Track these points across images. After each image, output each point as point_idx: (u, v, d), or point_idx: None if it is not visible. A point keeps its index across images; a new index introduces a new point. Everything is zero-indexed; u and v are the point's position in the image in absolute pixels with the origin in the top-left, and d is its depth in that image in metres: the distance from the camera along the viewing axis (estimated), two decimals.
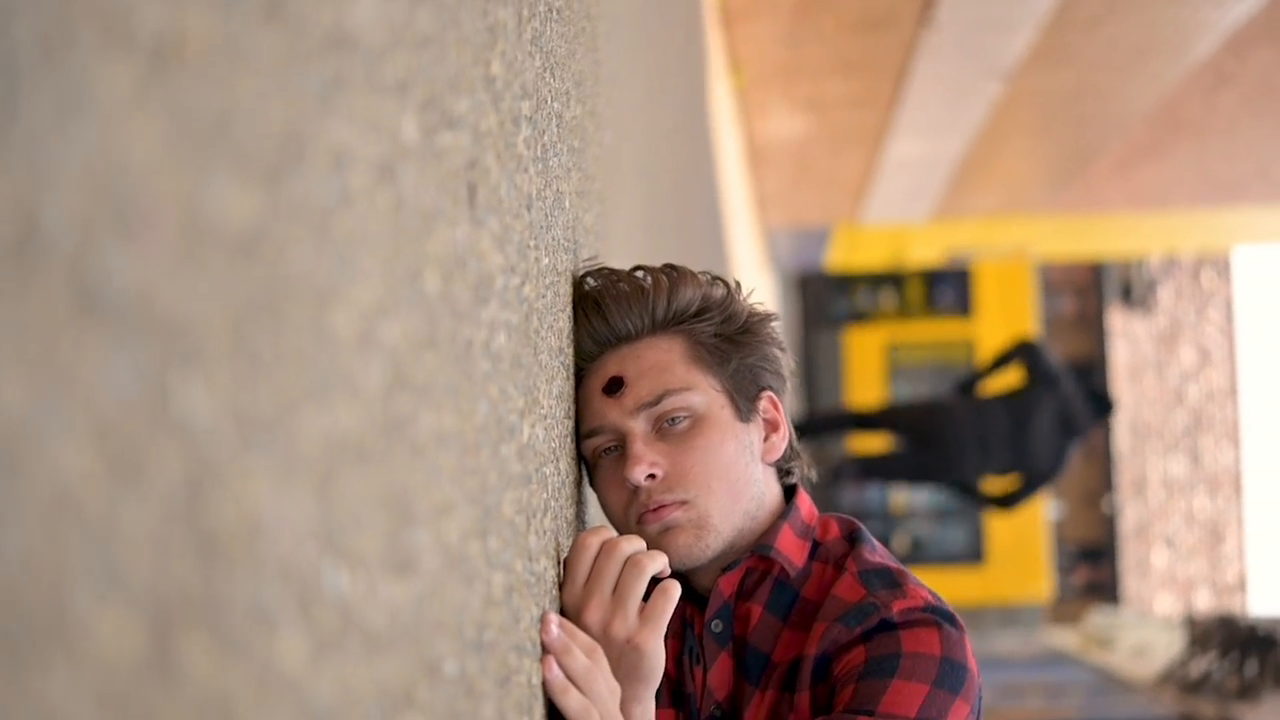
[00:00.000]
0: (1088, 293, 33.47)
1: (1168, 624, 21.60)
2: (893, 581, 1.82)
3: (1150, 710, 14.04)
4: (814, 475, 2.00)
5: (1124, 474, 33.31)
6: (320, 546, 0.71)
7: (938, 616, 1.79)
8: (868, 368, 21.94)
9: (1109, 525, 32.82)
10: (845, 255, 19.33)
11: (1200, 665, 15.08)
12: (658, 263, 1.94)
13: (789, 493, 1.92)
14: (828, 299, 23.07)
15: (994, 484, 9.24)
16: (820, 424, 9.90)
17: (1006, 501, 9.12)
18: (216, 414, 0.58)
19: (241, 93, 0.62)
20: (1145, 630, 20.24)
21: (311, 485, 0.70)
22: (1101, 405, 9.23)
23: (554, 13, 1.71)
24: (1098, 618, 22.14)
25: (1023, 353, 9.28)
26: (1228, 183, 15.19)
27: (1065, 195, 15.39)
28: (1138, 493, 33.76)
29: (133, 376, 0.51)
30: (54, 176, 0.47)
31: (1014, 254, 21.06)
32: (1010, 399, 9.13)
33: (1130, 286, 33.14)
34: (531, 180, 1.46)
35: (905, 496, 20.44)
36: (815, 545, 1.88)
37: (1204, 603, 31.84)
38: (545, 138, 1.59)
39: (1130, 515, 33.53)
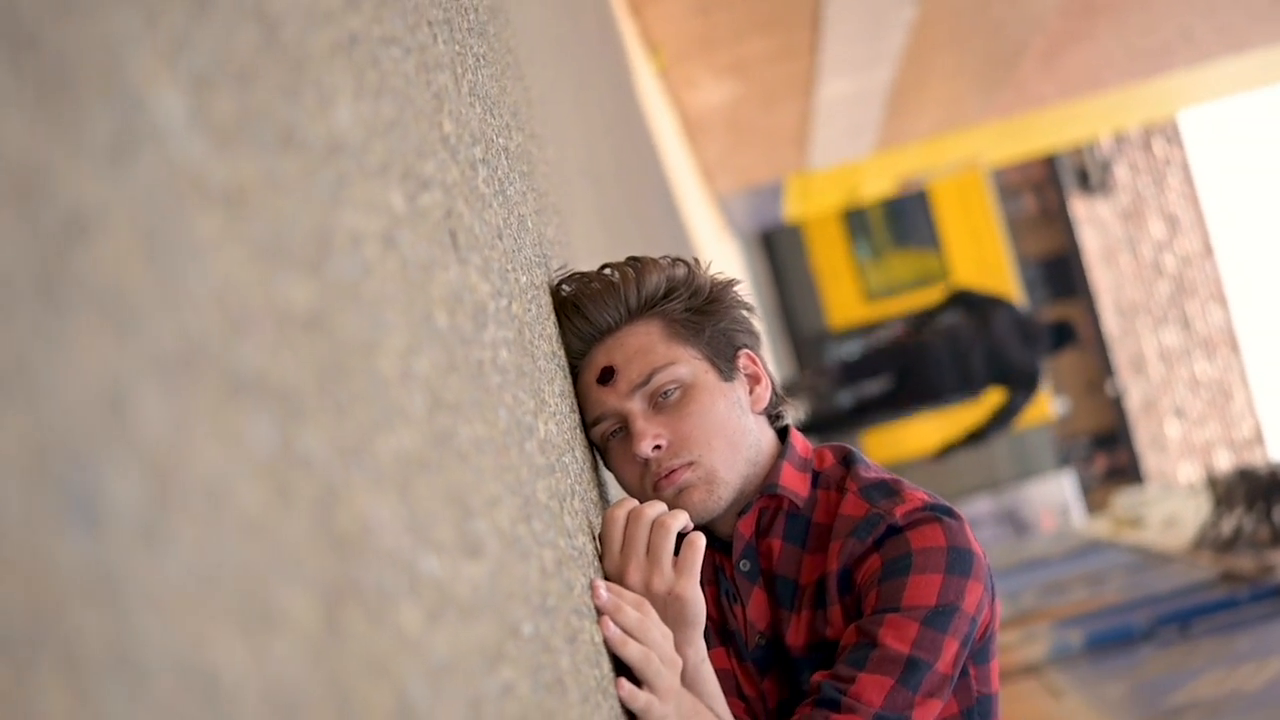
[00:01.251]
0: (1046, 188, 33.66)
1: (1192, 491, 21.84)
2: (890, 491, 2.03)
3: (1190, 576, 14.28)
4: (803, 415, 2.21)
5: (1120, 356, 33.52)
6: (413, 539, 0.91)
7: (937, 512, 1.99)
8: (850, 315, 22.18)
9: (1117, 408, 33.04)
10: (801, 204, 19.53)
11: (1230, 523, 15.32)
12: (620, 256, 2.14)
13: (783, 434, 2.12)
14: (794, 258, 23.36)
15: (982, 403, 10.04)
16: (810, 385, 10.49)
17: (1001, 418, 10.21)
18: (325, 449, 0.78)
19: (284, 209, 0.83)
20: (1171, 502, 20.49)
21: (396, 493, 0.90)
22: (1063, 333, 10.38)
23: (481, 60, 1.91)
24: (1124, 499, 22.38)
25: (957, 300, 10.41)
26: (1155, 52, 15.41)
27: (1000, 100, 15.61)
28: (1138, 371, 33.97)
29: (271, 431, 0.71)
30: (193, 298, 0.66)
31: (965, 167, 21.28)
32: (970, 321, 10.11)
33: (1086, 173, 33.33)
34: (496, 213, 1.66)
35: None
36: (815, 475, 2.08)
37: (1224, 463, 32.06)
38: (499, 173, 1.79)
39: (1135, 394, 33.74)
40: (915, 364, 10.17)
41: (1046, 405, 23.63)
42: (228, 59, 0.78)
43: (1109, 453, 33.37)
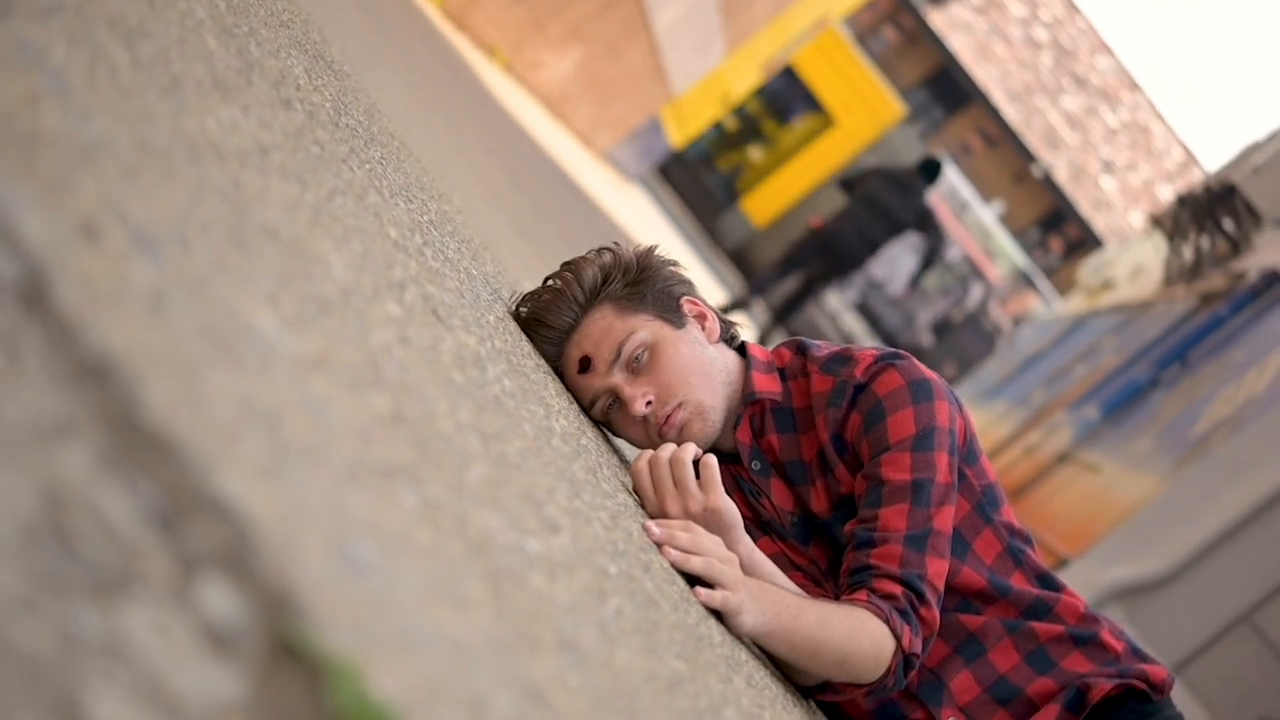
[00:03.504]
0: (900, 14, 33.89)
1: (1146, 235, 22.23)
2: (845, 359, 2.40)
3: (1172, 314, 14.72)
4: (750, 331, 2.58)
5: (1032, 139, 33.85)
6: (515, 532, 1.28)
7: (888, 360, 2.37)
8: (770, 208, 22.54)
9: (1050, 187, 33.41)
10: (683, 129, 19.87)
11: (1189, 250, 15.74)
12: (547, 259, 2.50)
13: (742, 351, 2.49)
14: (700, 180, 23.76)
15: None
16: (760, 286, 12.14)
17: (929, 259, 13.07)
18: (443, 494, 1.15)
19: (346, 353, 1.19)
20: (1130, 254, 20.90)
21: (491, 506, 1.27)
22: (929, 169, 12.80)
23: (382, 163, 2.26)
24: (1087, 269, 22.82)
25: (841, 185, 12.99)
26: None
27: None
28: (1054, 146, 34.34)
29: (413, 495, 1.07)
30: (337, 431, 1.02)
31: (818, 30, 21.61)
32: (854, 199, 12.54)
33: None
34: (450, 278, 2.02)
35: None
36: (781, 372, 2.45)
37: (1168, 197, 32.41)
38: (436, 245, 2.15)
39: (1060, 167, 34.11)
40: (830, 248, 12.40)
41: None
42: (287, 286, 1.15)
43: (1059, 232, 33.80)
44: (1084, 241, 33.33)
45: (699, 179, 23.73)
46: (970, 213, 22.97)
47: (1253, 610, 8.85)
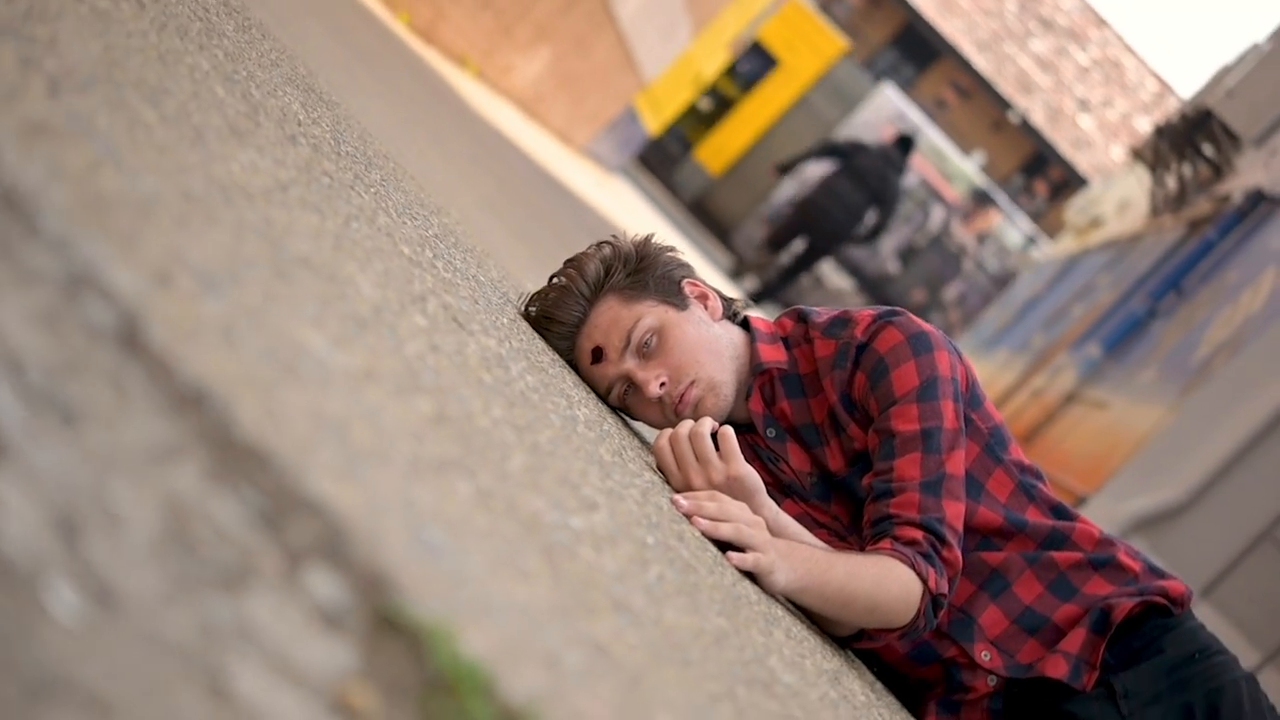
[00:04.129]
0: None
1: (1129, 169, 22.31)
2: (844, 321, 2.50)
3: (1163, 244, 14.83)
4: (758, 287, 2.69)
5: (1006, 85, 33.90)
6: (559, 512, 1.38)
7: (885, 318, 2.47)
8: (737, 166, 22.79)
9: (1028, 131, 33.49)
10: (658, 115, 19.97)
11: (1172, 180, 15.84)
12: (541, 259, 2.61)
13: (745, 325, 2.59)
14: (676, 162, 23.99)
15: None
16: (771, 290, 14.10)
17: (875, 232, 14.01)
18: (492, 481, 1.25)
19: (387, 364, 1.29)
20: (1115, 189, 21.01)
21: (533, 488, 1.37)
22: (906, 143, 13.95)
23: (384, 185, 2.36)
24: (1074, 209, 22.93)
25: (823, 150, 13.93)
26: None
27: None
28: (1027, 90, 34.40)
29: (468, 484, 1.18)
30: (393, 434, 1.13)
31: (781, 3, 21.69)
32: (842, 170, 13.45)
33: None
34: (463, 287, 2.13)
35: None
36: (785, 341, 2.56)
37: (1146, 128, 32.48)
38: (444, 257, 2.25)
39: (1036, 110, 34.16)
40: (815, 221, 13.48)
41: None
42: (327, 308, 1.25)
43: (1043, 175, 33.89)
44: (1068, 182, 33.39)
45: (674, 159, 24.14)
46: (922, 136, 23.18)
47: (1273, 526, 8.96)
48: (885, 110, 22.41)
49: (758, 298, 14.29)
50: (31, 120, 1.01)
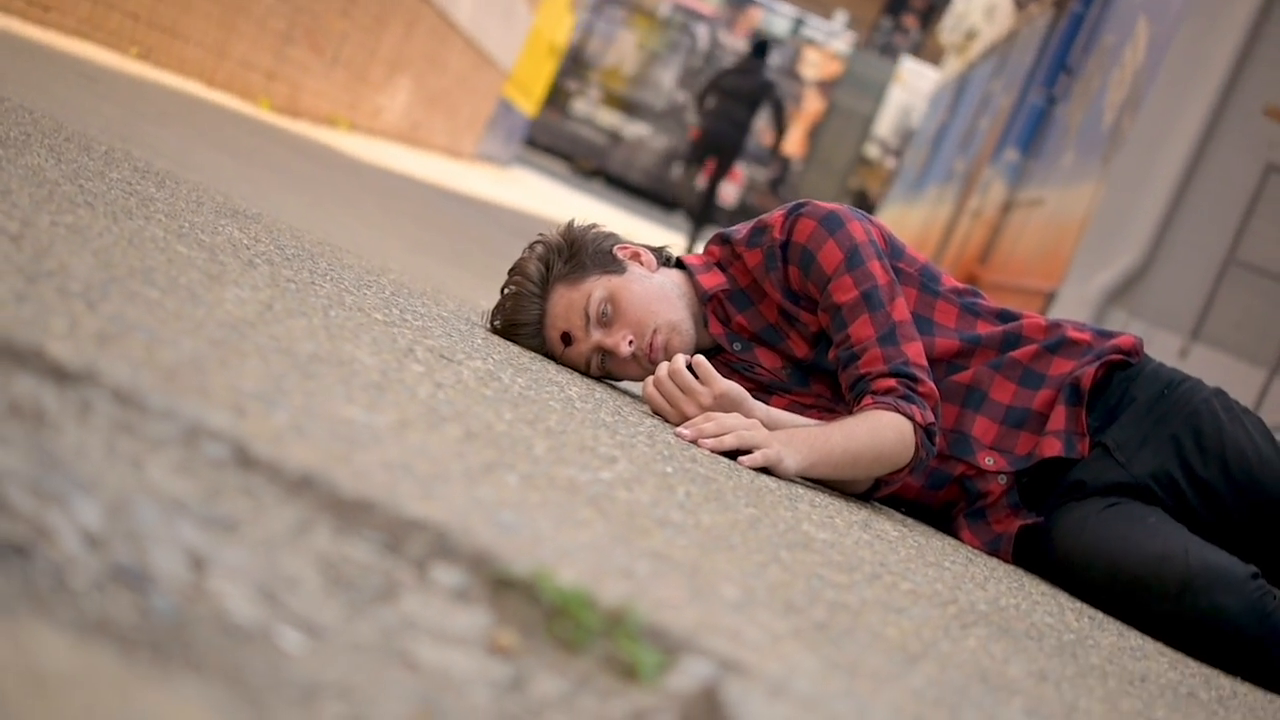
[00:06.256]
0: None
1: None
2: (761, 229, 2.79)
3: (1038, 29, 15.14)
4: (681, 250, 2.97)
5: None
6: (589, 473, 1.68)
7: (793, 213, 2.76)
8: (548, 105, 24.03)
9: None
10: (531, 97, 20.21)
11: None
12: (484, 278, 2.89)
13: (681, 265, 2.88)
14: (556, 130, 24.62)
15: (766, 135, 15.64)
16: (705, 215, 15.99)
17: (779, 125, 16.13)
18: (529, 469, 1.54)
19: (410, 401, 1.58)
20: None
21: (561, 462, 1.66)
22: (760, 45, 16.25)
23: (331, 268, 2.64)
24: (946, 30, 23.23)
25: (705, 91, 16.25)
26: None
27: None
28: None
29: (514, 476, 1.47)
30: (430, 455, 1.42)
31: None
32: (716, 94, 15.85)
33: None
34: (434, 327, 2.41)
35: None
36: (719, 265, 2.85)
37: None
38: (407, 309, 2.53)
39: None
40: (715, 142, 15.71)
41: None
42: (349, 383, 1.54)
43: (907, 10, 34.25)
44: (934, 6, 33.72)
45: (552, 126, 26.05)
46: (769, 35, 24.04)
47: (1232, 251, 9.30)
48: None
49: (696, 226, 16.09)
50: (95, 333, 1.30)
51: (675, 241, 13.88)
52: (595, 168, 26.65)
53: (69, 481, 1.02)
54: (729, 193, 23.59)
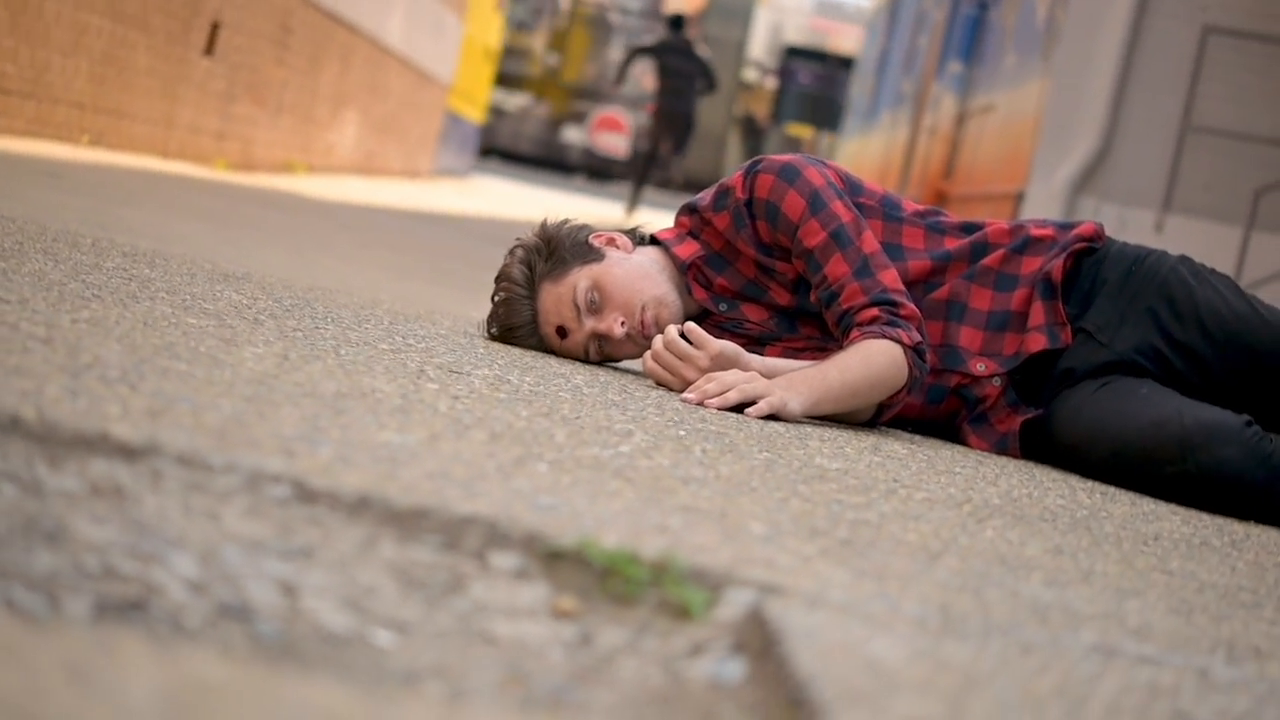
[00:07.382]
0: None
1: None
2: (724, 191, 2.93)
3: None
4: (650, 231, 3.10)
5: None
6: (610, 450, 1.81)
7: (751, 170, 2.89)
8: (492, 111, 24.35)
9: None
10: (477, 104, 20.33)
11: None
12: (469, 290, 3.01)
13: (656, 241, 3.01)
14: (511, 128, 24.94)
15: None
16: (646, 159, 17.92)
17: (713, 86, 17.84)
18: (560, 457, 1.68)
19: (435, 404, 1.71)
20: None
21: (583, 445, 1.79)
22: (676, 22, 17.80)
23: (330, 310, 2.77)
24: None
25: (637, 53, 18.32)
26: None
27: None
28: None
29: (545, 467, 1.60)
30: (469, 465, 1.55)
31: None
32: (666, 75, 17.42)
33: None
34: (437, 346, 2.54)
35: None
36: (691, 234, 2.98)
37: None
38: (408, 334, 2.66)
39: None
40: (670, 118, 17.41)
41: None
42: (376, 411, 1.67)
43: None
44: None
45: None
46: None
47: (1185, 118, 9.43)
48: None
49: (637, 188, 17.82)
50: (145, 410, 1.43)
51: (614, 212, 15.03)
52: (485, 148, 27.13)
53: (161, 541, 1.15)
54: (617, 144, 25.22)
